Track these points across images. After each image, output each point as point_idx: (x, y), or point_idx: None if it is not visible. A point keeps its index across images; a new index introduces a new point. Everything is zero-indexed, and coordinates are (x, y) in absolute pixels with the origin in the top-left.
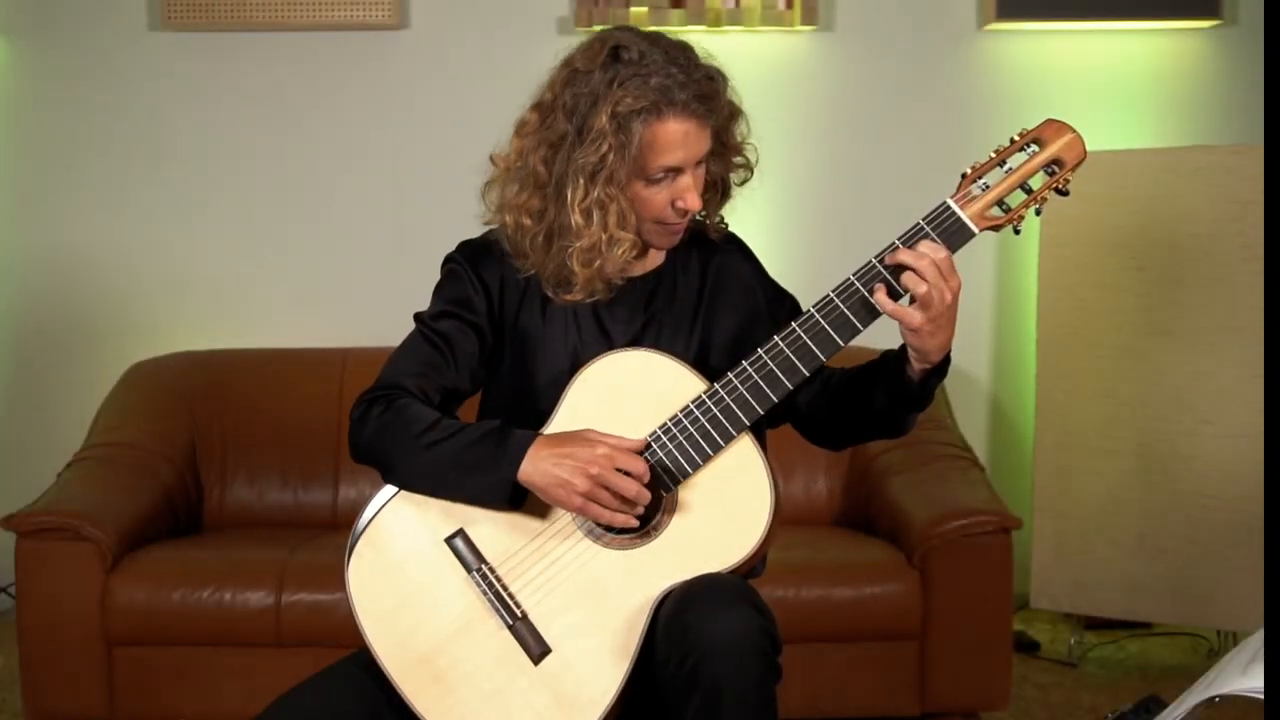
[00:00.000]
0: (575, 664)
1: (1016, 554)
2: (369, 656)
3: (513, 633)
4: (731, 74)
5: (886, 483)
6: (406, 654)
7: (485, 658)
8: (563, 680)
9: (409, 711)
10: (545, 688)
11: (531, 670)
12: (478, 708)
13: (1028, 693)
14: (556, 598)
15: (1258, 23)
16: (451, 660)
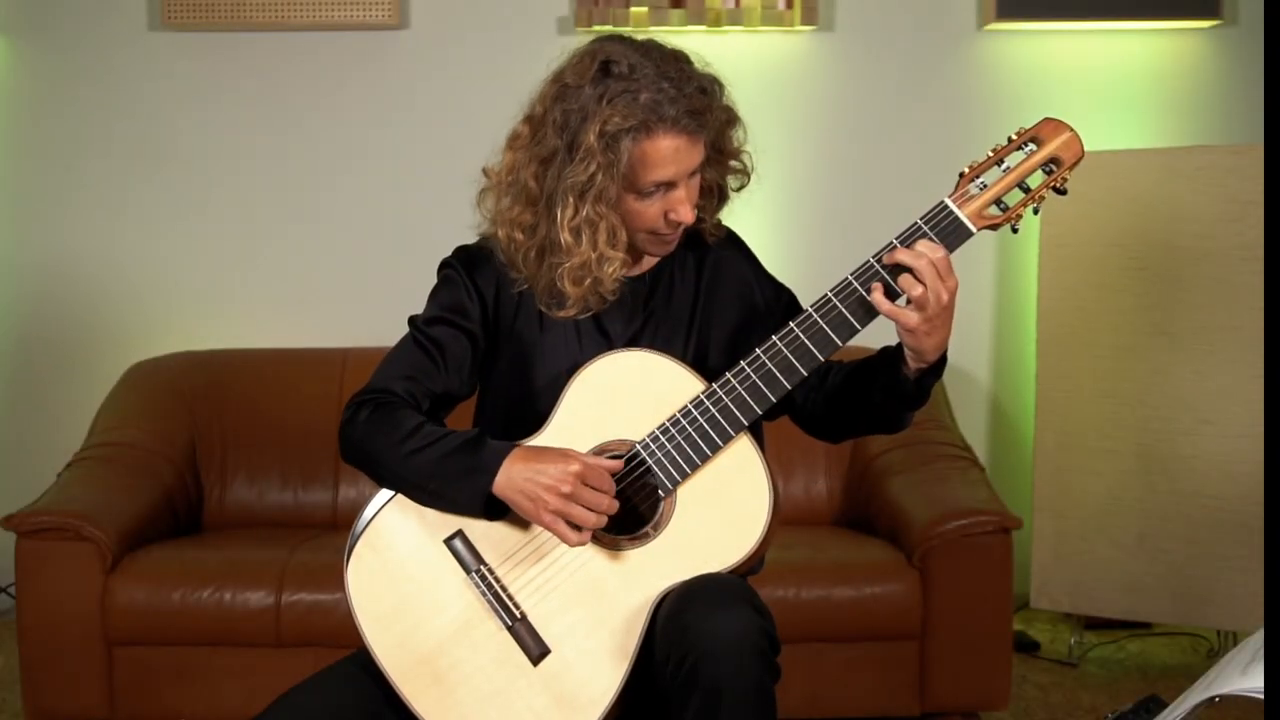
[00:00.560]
0: (575, 664)
1: (1016, 554)
2: (369, 657)
3: (512, 633)
4: (731, 74)
5: (886, 483)
6: (406, 655)
7: (485, 658)
8: (562, 681)
9: (409, 712)
10: (545, 688)
11: (531, 671)
12: (477, 708)
13: (1028, 693)
14: (556, 598)
15: (1258, 23)
16: (451, 661)
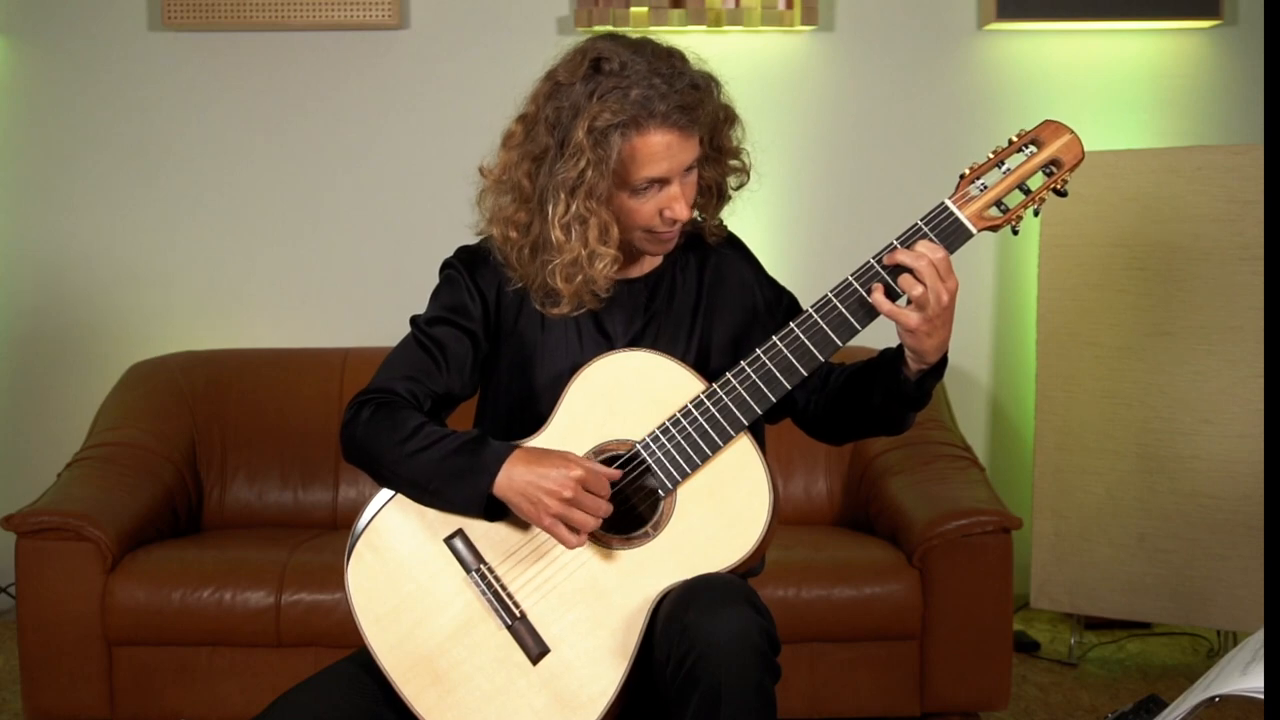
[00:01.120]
0: (574, 664)
1: (1016, 554)
2: (368, 656)
3: (511, 633)
4: (731, 74)
5: (886, 483)
6: (406, 655)
7: (484, 658)
8: (562, 680)
9: (409, 711)
10: (544, 687)
11: (530, 670)
12: (477, 708)
13: (1028, 693)
14: (555, 597)
15: (1258, 23)
16: (451, 661)
